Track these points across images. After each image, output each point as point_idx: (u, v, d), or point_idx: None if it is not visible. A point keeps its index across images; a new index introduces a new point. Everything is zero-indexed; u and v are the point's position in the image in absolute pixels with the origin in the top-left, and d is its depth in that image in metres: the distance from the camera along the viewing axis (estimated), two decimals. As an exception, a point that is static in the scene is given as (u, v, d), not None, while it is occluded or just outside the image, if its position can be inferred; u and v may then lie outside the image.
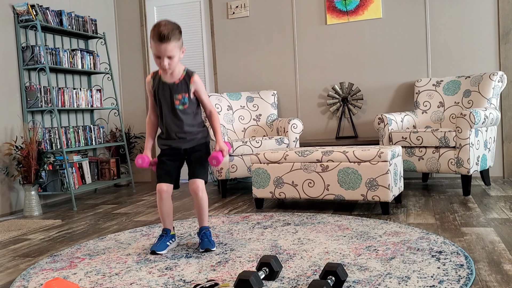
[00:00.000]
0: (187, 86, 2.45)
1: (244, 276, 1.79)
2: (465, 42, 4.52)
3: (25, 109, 4.24)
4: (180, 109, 2.45)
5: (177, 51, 2.37)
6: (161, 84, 2.47)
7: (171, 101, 2.45)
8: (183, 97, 2.45)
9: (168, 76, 2.46)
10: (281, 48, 5.11)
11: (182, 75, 2.46)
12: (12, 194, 4.11)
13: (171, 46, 2.33)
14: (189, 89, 2.46)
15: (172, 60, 2.36)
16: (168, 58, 2.35)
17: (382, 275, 1.97)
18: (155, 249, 2.48)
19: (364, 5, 4.78)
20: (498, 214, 3.02)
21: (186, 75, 2.47)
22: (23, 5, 4.21)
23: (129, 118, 5.71)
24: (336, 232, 2.74)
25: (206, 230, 2.56)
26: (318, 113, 5.01)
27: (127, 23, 5.66)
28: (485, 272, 1.97)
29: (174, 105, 2.45)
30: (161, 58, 2.35)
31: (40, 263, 2.44)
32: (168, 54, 2.34)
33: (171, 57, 2.35)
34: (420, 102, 4.41)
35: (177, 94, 2.44)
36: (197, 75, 2.50)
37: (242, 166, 4.16)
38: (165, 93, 2.46)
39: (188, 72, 2.48)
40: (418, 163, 3.86)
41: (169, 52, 2.34)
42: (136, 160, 2.51)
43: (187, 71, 2.48)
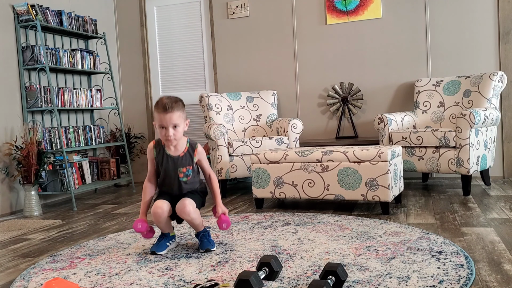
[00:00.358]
0: (191, 159, 2.48)
1: (244, 276, 1.79)
2: (465, 42, 4.52)
3: (25, 109, 4.24)
4: (183, 181, 2.49)
5: (181, 121, 2.38)
6: (165, 157, 2.47)
7: (175, 173, 2.47)
8: (187, 169, 2.47)
9: (172, 149, 2.46)
10: (281, 48, 5.11)
11: (186, 147, 2.48)
12: (12, 194, 4.11)
13: (176, 116, 2.35)
14: (193, 162, 2.48)
15: (177, 130, 2.37)
16: (173, 128, 2.36)
17: (382, 275, 1.97)
18: (155, 250, 2.48)
19: (364, 5, 4.78)
20: (498, 214, 3.02)
21: (190, 147, 2.48)
22: (23, 5, 4.21)
23: (129, 118, 5.71)
24: (336, 232, 2.74)
25: (204, 231, 2.56)
26: (318, 113, 5.01)
27: (127, 23, 5.66)
28: (485, 272, 1.97)
29: (178, 178, 2.47)
30: (166, 129, 2.35)
31: (40, 263, 2.44)
32: (174, 123, 2.35)
33: (176, 126, 2.36)
34: (420, 102, 4.41)
35: (181, 168, 2.46)
36: (200, 146, 2.52)
37: (242, 166, 4.16)
38: (169, 166, 2.46)
39: (191, 144, 2.50)
40: (418, 163, 3.86)
41: (174, 121, 2.34)
42: (134, 225, 2.47)
43: (190, 143, 2.50)
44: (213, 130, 4.11)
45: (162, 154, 2.47)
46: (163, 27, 5.57)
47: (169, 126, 2.35)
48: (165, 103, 2.34)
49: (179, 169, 2.46)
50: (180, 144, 2.46)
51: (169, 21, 5.55)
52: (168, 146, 2.46)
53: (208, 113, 4.63)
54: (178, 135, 2.39)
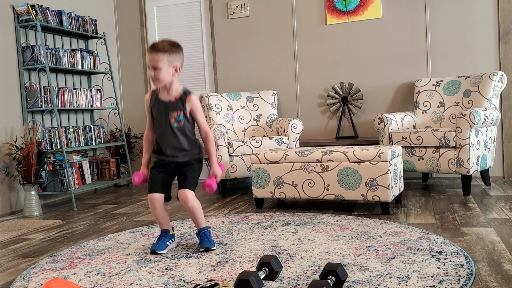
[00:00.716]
0: (182, 105, 2.46)
1: (244, 276, 1.79)
2: (465, 42, 4.52)
3: (25, 109, 4.24)
4: (175, 127, 2.46)
5: (164, 63, 2.37)
6: (157, 102, 2.49)
7: (166, 118, 2.46)
8: (178, 115, 2.46)
9: (165, 94, 2.48)
10: (281, 48, 5.11)
11: (179, 94, 2.48)
12: (12, 194, 4.11)
13: (159, 57, 2.35)
14: (184, 108, 2.46)
15: (158, 71, 2.37)
16: (153, 69, 2.37)
17: (382, 275, 1.97)
18: (155, 249, 2.48)
19: (364, 5, 4.78)
20: (498, 214, 3.02)
21: (183, 94, 2.48)
22: (23, 5, 4.21)
23: (129, 118, 5.71)
24: (336, 232, 2.74)
25: (205, 230, 2.56)
26: (318, 113, 5.01)
27: (127, 23, 5.66)
28: (485, 272, 1.97)
29: (169, 123, 2.46)
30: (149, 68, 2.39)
31: (40, 263, 2.44)
32: (153, 64, 2.36)
33: (156, 68, 2.36)
34: (420, 102, 4.41)
35: (172, 112, 2.46)
36: (195, 96, 2.51)
37: (242, 166, 4.16)
38: (160, 110, 2.48)
39: (185, 91, 2.49)
40: (418, 163, 3.86)
41: (155, 62, 2.35)
42: (133, 178, 2.54)
43: (185, 91, 2.49)
44: (213, 130, 4.11)
45: (155, 100, 2.50)
46: (163, 27, 5.57)
47: (150, 67, 2.37)
48: (154, 43, 2.39)
49: (169, 114, 2.45)
50: (174, 89, 2.46)
51: (169, 21, 5.55)
52: (162, 90, 2.47)
53: (208, 113, 4.63)
54: (160, 77, 2.37)
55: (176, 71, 2.42)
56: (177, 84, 2.49)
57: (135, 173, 2.55)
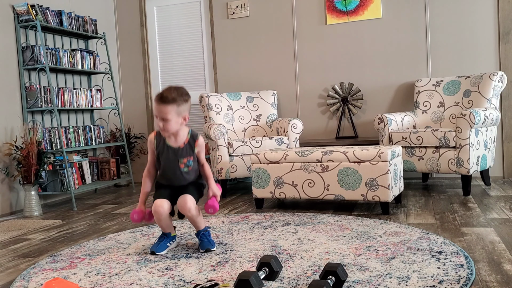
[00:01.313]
0: (192, 150, 2.48)
1: (244, 276, 1.79)
2: (465, 42, 4.52)
3: (25, 109, 4.24)
4: (185, 171, 2.49)
5: (173, 115, 2.35)
6: (166, 148, 2.47)
7: (175, 164, 2.47)
8: (188, 160, 2.47)
9: (173, 140, 2.46)
10: (281, 48, 5.11)
11: (187, 138, 2.47)
12: (12, 194, 4.11)
13: (167, 109, 2.34)
14: (194, 153, 2.48)
15: (167, 123, 2.36)
16: (163, 121, 2.36)
17: (382, 275, 1.97)
18: (155, 250, 2.48)
19: (364, 5, 4.78)
20: (498, 214, 3.02)
21: (190, 138, 2.48)
22: (23, 5, 4.21)
23: (129, 118, 5.71)
24: (336, 232, 2.74)
25: (204, 231, 2.56)
26: (318, 113, 5.01)
27: (127, 23, 5.66)
28: (485, 272, 1.97)
29: (179, 168, 2.47)
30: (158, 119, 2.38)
31: (40, 263, 2.44)
32: (163, 116, 2.35)
33: (165, 120, 2.35)
34: (420, 102, 4.41)
35: (182, 158, 2.46)
36: (201, 138, 2.52)
37: (242, 166, 4.16)
38: (169, 156, 2.47)
39: (192, 135, 2.49)
40: (418, 163, 3.86)
41: (164, 114, 2.34)
42: (131, 216, 2.50)
43: (192, 135, 2.49)
44: (213, 130, 4.11)
45: (163, 145, 2.47)
46: (163, 27, 5.57)
47: (159, 118, 2.37)
48: (162, 94, 2.36)
49: (179, 160, 2.46)
50: (181, 135, 2.45)
51: (169, 21, 5.55)
52: (168, 135, 2.45)
53: (208, 113, 4.63)
54: (169, 128, 2.37)
55: (184, 120, 2.41)
56: (183, 129, 2.47)
57: (134, 211, 2.51)
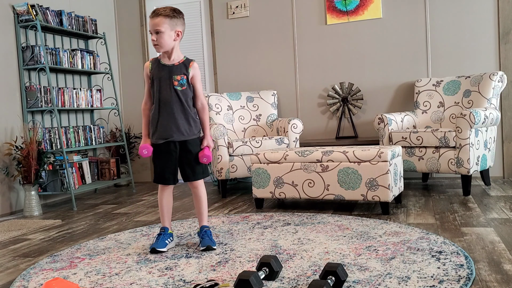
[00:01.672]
0: (186, 69, 2.49)
1: (244, 276, 1.79)
2: (465, 42, 4.52)
3: (25, 109, 4.24)
4: (179, 90, 2.47)
5: (166, 27, 2.40)
6: (160, 66, 2.49)
7: (169, 81, 2.47)
8: (181, 78, 2.48)
9: (167, 60, 2.50)
10: (281, 48, 5.11)
11: (181, 59, 2.51)
12: (12, 194, 4.11)
13: (160, 21, 2.38)
14: (188, 72, 2.49)
15: (160, 36, 2.39)
16: (156, 33, 2.39)
17: (382, 275, 1.97)
18: (155, 247, 2.48)
19: (364, 5, 4.78)
20: (498, 214, 3.02)
21: (185, 60, 2.52)
22: (23, 5, 4.21)
23: (129, 118, 5.71)
24: (336, 232, 2.74)
25: (207, 229, 2.58)
26: (318, 113, 5.01)
27: (127, 23, 5.66)
28: (485, 272, 1.97)
29: (172, 85, 2.47)
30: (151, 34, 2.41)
31: (40, 263, 2.44)
32: (155, 28, 2.38)
33: (158, 32, 2.39)
34: (420, 102, 4.41)
35: (175, 75, 2.47)
36: (196, 64, 2.55)
37: (242, 166, 4.16)
38: (163, 74, 2.48)
39: (188, 58, 2.54)
40: (418, 163, 3.86)
41: (157, 26, 2.38)
42: (140, 151, 2.49)
43: (187, 58, 2.54)
44: (213, 130, 4.11)
45: (157, 65, 2.50)
46: (163, 27, 5.56)
47: (152, 31, 2.39)
48: (156, 8, 2.42)
49: (173, 77, 2.46)
50: (176, 55, 2.49)
51: (169, 21, 5.54)
52: (163, 55, 2.49)
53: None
54: (162, 42, 2.40)
55: (177, 35, 2.45)
56: (178, 51, 2.51)
57: (143, 145, 2.50)
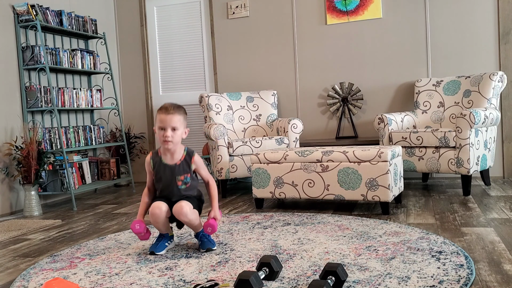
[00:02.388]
0: (188, 167, 2.48)
1: (244, 276, 1.79)
2: (465, 42, 4.52)
3: (25, 109, 4.24)
4: (182, 189, 2.49)
5: (181, 125, 2.41)
6: (162, 166, 2.48)
7: (173, 181, 2.48)
8: (185, 177, 2.48)
9: (169, 158, 2.48)
10: (281, 48, 5.11)
11: (183, 155, 2.49)
12: (12, 194, 4.11)
13: (176, 118, 2.39)
14: (190, 170, 2.49)
15: (175, 133, 2.39)
16: (172, 130, 2.38)
17: (382, 275, 1.97)
18: (154, 250, 2.48)
19: (364, 5, 4.78)
20: (498, 214, 3.02)
21: (187, 155, 2.49)
22: (23, 5, 4.21)
23: (129, 118, 5.71)
24: (336, 232, 2.74)
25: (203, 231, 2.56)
26: (318, 113, 5.01)
27: (127, 23, 5.66)
28: (485, 272, 1.97)
29: (176, 185, 2.48)
30: (165, 130, 2.38)
31: (40, 263, 2.44)
32: (173, 125, 2.38)
33: (175, 129, 2.39)
34: (420, 102, 4.41)
35: (179, 176, 2.47)
36: (197, 155, 2.53)
37: (242, 166, 4.16)
38: (166, 174, 2.47)
39: (188, 152, 2.51)
40: (418, 163, 3.86)
41: (174, 123, 2.38)
42: (132, 226, 2.45)
43: (188, 151, 2.51)
44: (213, 130, 4.11)
45: (159, 163, 2.49)
46: (163, 27, 5.57)
47: (168, 128, 2.37)
48: (167, 105, 2.41)
49: (177, 177, 2.47)
50: (177, 152, 2.48)
51: (169, 21, 5.55)
52: (164, 153, 2.47)
53: (208, 113, 4.63)
54: (175, 138, 2.40)
55: (185, 133, 2.46)
56: (179, 146, 2.49)
57: (135, 221, 2.46)
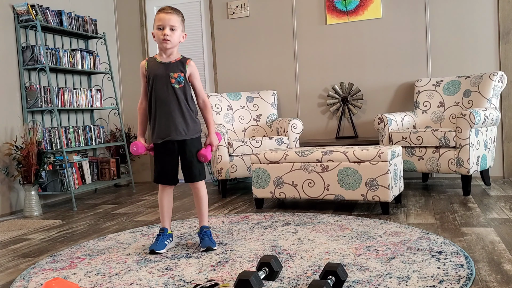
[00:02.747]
0: (183, 67, 2.48)
1: (244, 276, 1.79)
2: (465, 42, 4.52)
3: (25, 109, 4.24)
4: (176, 87, 2.46)
5: (179, 25, 2.44)
6: (156, 64, 2.49)
7: (167, 79, 2.45)
8: (178, 75, 2.46)
9: (164, 58, 2.49)
10: (281, 48, 5.11)
11: (178, 57, 2.51)
12: (12, 194, 4.11)
13: (175, 18, 2.42)
14: (185, 69, 2.48)
15: (173, 32, 2.41)
16: (170, 30, 2.40)
17: (382, 275, 1.97)
18: (154, 248, 2.48)
19: (364, 5, 4.78)
20: (498, 214, 3.02)
21: (182, 58, 2.52)
22: (23, 5, 4.21)
23: (129, 118, 5.71)
24: (336, 232, 2.74)
25: (207, 229, 2.58)
26: (318, 113, 5.01)
27: (127, 23, 5.66)
28: (485, 272, 1.97)
29: (170, 83, 2.46)
30: (163, 29, 2.40)
31: (40, 263, 2.44)
32: (172, 24, 2.40)
33: (173, 28, 2.41)
34: (420, 102, 4.41)
35: (172, 73, 2.46)
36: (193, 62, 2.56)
37: (242, 166, 4.16)
38: (160, 71, 2.47)
39: (184, 57, 2.53)
40: (418, 163, 3.86)
41: (173, 22, 2.41)
42: (131, 148, 2.50)
43: (183, 56, 2.54)
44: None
45: (153, 63, 2.49)
46: (163, 27, 5.56)
47: (166, 26, 2.39)
48: (166, 6, 2.46)
49: (170, 74, 2.45)
50: (174, 54, 2.49)
51: (169, 21, 5.54)
52: (160, 54, 2.49)
53: (208, 113, 4.62)
54: (174, 38, 2.42)
55: (183, 38, 2.49)
56: (176, 51, 2.52)
57: (133, 143, 2.50)
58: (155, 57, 2.52)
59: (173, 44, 2.44)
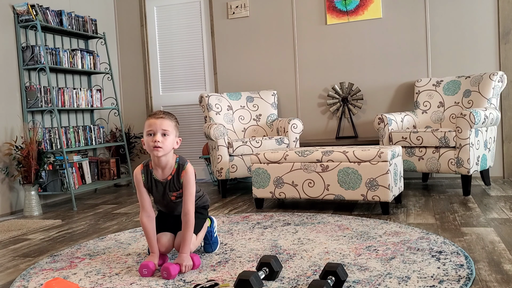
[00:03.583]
0: (179, 182, 2.22)
1: (244, 276, 1.79)
2: (465, 42, 4.52)
3: (25, 109, 4.24)
4: (178, 201, 2.29)
5: (172, 130, 2.16)
6: (153, 183, 2.24)
7: (167, 198, 2.28)
8: (178, 193, 2.26)
9: (160, 173, 2.23)
10: (281, 48, 5.11)
11: (174, 169, 2.22)
12: (12, 194, 4.11)
13: (167, 123, 2.14)
14: (180, 184, 2.23)
15: (166, 138, 2.13)
16: (162, 135, 2.13)
17: (382, 275, 1.97)
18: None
19: (364, 5, 4.78)
20: (498, 214, 3.02)
21: (178, 168, 2.22)
22: (23, 5, 4.21)
23: (129, 118, 5.71)
24: (336, 232, 2.74)
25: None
26: (318, 113, 5.01)
27: (127, 23, 5.66)
28: (485, 272, 1.97)
29: (171, 201, 2.29)
30: (154, 135, 2.12)
31: (40, 263, 2.44)
32: (163, 129, 2.12)
33: (165, 133, 2.13)
34: (420, 102, 4.41)
35: (171, 192, 2.25)
36: (191, 167, 2.24)
37: (242, 166, 4.16)
38: (159, 191, 2.26)
39: (180, 164, 2.23)
40: (418, 163, 3.86)
41: (165, 126, 2.13)
42: (140, 270, 2.14)
43: (179, 163, 2.23)
44: (213, 130, 4.11)
45: (150, 179, 2.24)
46: (163, 27, 5.57)
47: (157, 132, 2.12)
48: (157, 111, 2.20)
49: (169, 193, 2.26)
50: (169, 164, 2.21)
51: (169, 21, 5.55)
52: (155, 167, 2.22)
53: (208, 113, 4.63)
54: (166, 145, 2.13)
55: (177, 143, 2.20)
56: (171, 158, 2.22)
57: (144, 263, 2.13)
58: (150, 168, 2.24)
59: (165, 152, 2.14)
